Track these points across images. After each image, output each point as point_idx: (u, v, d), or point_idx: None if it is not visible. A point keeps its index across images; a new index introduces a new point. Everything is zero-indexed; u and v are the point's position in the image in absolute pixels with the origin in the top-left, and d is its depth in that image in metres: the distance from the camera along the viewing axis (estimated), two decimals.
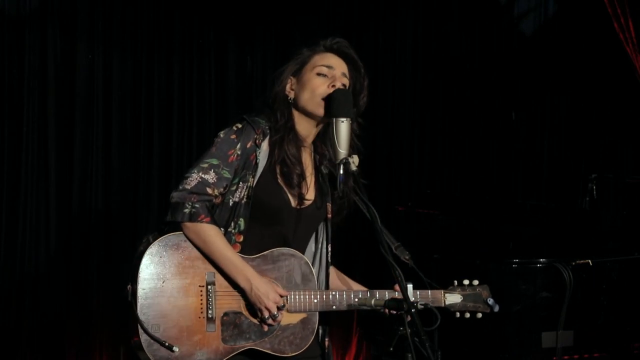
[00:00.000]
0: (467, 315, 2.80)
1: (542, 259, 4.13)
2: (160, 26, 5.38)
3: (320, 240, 2.79)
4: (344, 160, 2.53)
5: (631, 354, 4.27)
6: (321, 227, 2.80)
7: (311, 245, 2.79)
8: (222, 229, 2.62)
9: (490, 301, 2.79)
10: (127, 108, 5.31)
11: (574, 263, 4.09)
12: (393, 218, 5.48)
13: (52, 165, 5.10)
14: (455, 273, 2.85)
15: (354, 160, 2.53)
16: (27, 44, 5.04)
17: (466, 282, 2.80)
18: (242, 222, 2.63)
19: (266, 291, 2.56)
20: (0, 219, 5.00)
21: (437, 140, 6.34)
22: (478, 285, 2.81)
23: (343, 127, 2.54)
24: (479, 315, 2.80)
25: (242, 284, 2.57)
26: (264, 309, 2.57)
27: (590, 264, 4.12)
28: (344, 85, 2.69)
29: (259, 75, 5.64)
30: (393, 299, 2.48)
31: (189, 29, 5.48)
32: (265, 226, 2.66)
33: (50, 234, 5.10)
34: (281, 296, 2.60)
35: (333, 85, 2.66)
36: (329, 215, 2.77)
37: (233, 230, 2.62)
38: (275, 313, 2.58)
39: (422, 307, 2.44)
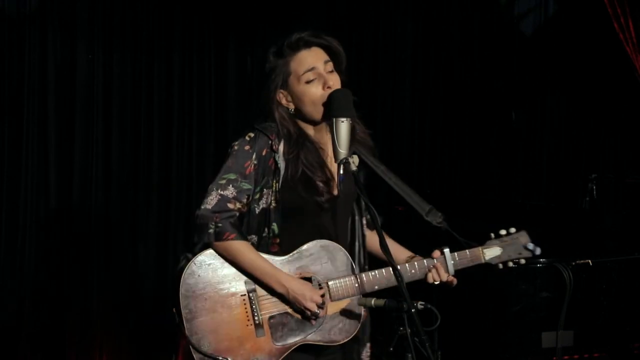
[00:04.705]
0: (510, 264, 2.75)
1: (542, 259, 4.12)
2: (160, 26, 5.37)
3: (356, 216, 2.77)
4: (344, 160, 2.53)
5: (631, 354, 4.27)
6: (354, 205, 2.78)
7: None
8: (256, 236, 2.65)
9: (531, 246, 2.73)
10: (127, 108, 5.30)
11: (574, 263, 4.08)
12: (393, 218, 5.47)
13: (52, 165, 5.10)
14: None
15: (354, 160, 2.54)
16: (27, 44, 5.03)
17: (503, 232, 2.76)
18: (275, 226, 2.65)
19: (302, 292, 2.60)
20: (0, 219, 5.00)
21: (437, 140, 6.34)
22: (515, 232, 2.77)
23: (343, 127, 2.54)
24: (522, 261, 2.74)
25: (279, 289, 2.61)
26: (304, 309, 2.61)
27: (590, 264, 4.12)
28: (331, 73, 2.66)
29: (259, 75, 5.62)
30: (393, 299, 2.48)
31: (189, 28, 5.47)
32: (300, 224, 2.68)
33: (50, 234, 5.09)
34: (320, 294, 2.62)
35: (329, 87, 2.65)
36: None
37: (269, 235, 2.65)
38: (316, 311, 2.61)
39: (422, 307, 2.44)
